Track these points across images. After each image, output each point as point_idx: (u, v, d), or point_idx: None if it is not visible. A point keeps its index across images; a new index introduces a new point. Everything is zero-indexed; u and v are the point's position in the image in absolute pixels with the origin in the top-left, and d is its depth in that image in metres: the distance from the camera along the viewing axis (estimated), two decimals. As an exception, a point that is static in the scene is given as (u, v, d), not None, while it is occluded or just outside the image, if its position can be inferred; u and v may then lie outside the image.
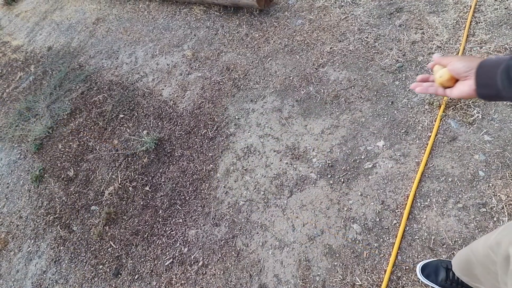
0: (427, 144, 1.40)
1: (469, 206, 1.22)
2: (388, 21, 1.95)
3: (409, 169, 1.38)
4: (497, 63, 0.48)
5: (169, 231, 1.62)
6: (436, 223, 1.22)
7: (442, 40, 1.73)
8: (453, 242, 1.16)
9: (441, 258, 1.13)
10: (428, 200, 1.28)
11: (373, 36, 1.90)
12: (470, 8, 1.81)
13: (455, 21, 1.79)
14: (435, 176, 1.32)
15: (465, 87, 0.54)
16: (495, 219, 1.17)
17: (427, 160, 1.36)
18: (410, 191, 1.31)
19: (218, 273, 1.40)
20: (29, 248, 1.90)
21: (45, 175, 2.20)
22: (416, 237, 1.22)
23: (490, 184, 1.24)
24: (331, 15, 2.16)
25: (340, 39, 1.99)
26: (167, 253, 1.55)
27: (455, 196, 1.25)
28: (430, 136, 1.42)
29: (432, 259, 1.13)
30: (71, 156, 2.21)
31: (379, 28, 1.93)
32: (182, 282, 1.43)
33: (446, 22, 1.81)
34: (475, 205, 1.21)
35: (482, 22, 1.73)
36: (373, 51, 1.83)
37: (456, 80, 0.57)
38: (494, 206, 1.19)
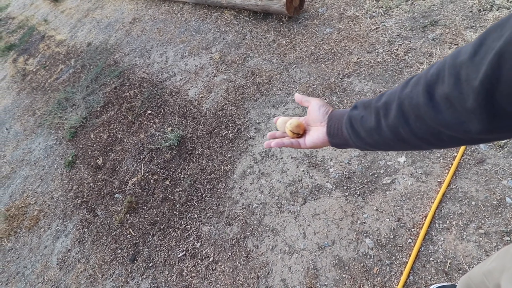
0: (452, 164, 1.36)
1: (491, 233, 1.16)
2: (421, 34, 1.90)
3: (430, 188, 1.34)
4: (343, 114, 0.50)
5: (184, 225, 1.69)
6: (454, 246, 1.18)
7: (477, 57, 1.66)
8: (470, 267, 1.12)
9: (456, 283, 1.09)
10: (448, 222, 1.24)
11: (403, 49, 1.86)
12: None
13: (493, 37, 1.71)
14: (457, 198, 1.28)
15: (320, 134, 0.55)
16: (520, 249, 1.11)
17: (450, 181, 1.32)
18: (429, 211, 1.28)
19: (227, 270, 1.44)
20: (58, 227, 2.07)
21: (77, 161, 2.38)
22: (431, 258, 1.18)
23: (518, 213, 1.17)
24: (361, 25, 2.14)
25: (368, 50, 1.97)
26: (180, 246, 1.62)
27: (477, 221, 1.20)
28: (456, 156, 1.37)
29: (446, 283, 1.09)
30: (101, 145, 2.38)
31: (410, 41, 1.89)
32: (193, 274, 1.50)
33: (483, 38, 1.73)
34: (498, 233, 1.16)
35: (523, 40, 1.64)
36: (402, 64, 1.80)
37: (304, 130, 0.58)
38: (520, 236, 1.13)
